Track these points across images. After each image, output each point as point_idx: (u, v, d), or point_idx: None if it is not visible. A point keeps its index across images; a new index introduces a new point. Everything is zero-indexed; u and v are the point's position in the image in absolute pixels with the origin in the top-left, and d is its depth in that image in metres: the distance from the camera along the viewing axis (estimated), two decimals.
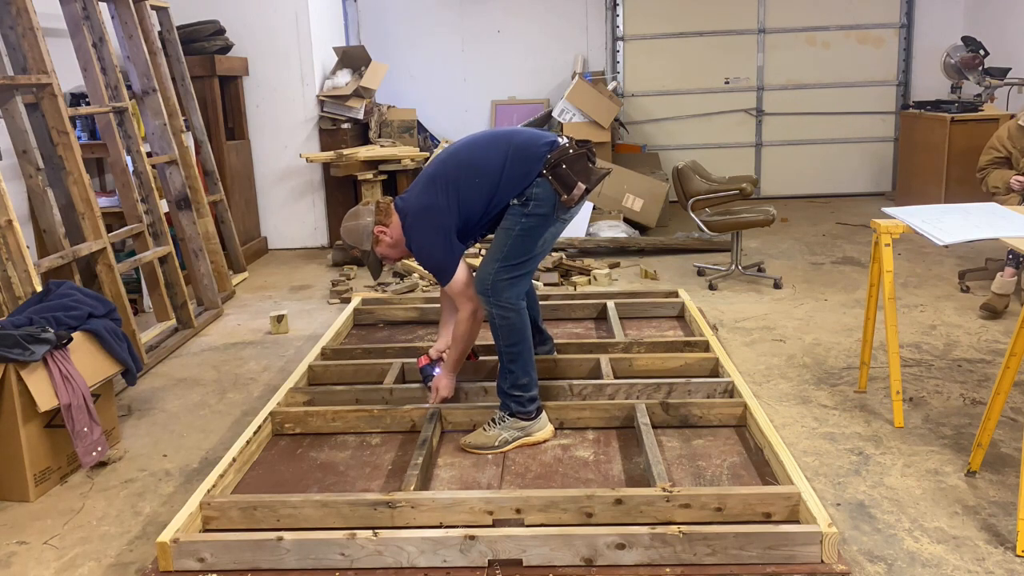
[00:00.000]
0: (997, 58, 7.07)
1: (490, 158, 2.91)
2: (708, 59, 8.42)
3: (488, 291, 2.88)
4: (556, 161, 2.85)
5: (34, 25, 3.88)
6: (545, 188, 2.85)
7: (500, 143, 2.95)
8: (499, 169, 2.88)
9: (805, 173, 8.64)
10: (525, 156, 2.89)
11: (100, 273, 4.11)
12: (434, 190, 2.94)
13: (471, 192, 2.90)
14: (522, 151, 2.89)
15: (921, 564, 2.39)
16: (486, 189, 2.89)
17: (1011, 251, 4.41)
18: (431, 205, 2.92)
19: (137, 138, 4.64)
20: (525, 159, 2.88)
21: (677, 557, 2.24)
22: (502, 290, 2.87)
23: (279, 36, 6.74)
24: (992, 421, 2.78)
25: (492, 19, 8.34)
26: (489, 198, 2.90)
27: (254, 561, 2.30)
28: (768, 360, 4.06)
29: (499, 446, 2.91)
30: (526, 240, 2.89)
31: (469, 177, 2.91)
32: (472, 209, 2.92)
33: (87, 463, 3.00)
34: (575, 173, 2.86)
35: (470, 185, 2.90)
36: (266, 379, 4.05)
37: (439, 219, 2.91)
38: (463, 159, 2.98)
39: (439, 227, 2.91)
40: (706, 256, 6.16)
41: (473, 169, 2.92)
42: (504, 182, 2.88)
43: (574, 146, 2.91)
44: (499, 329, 2.92)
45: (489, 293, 2.88)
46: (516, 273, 2.90)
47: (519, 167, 2.87)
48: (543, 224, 2.90)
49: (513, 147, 2.91)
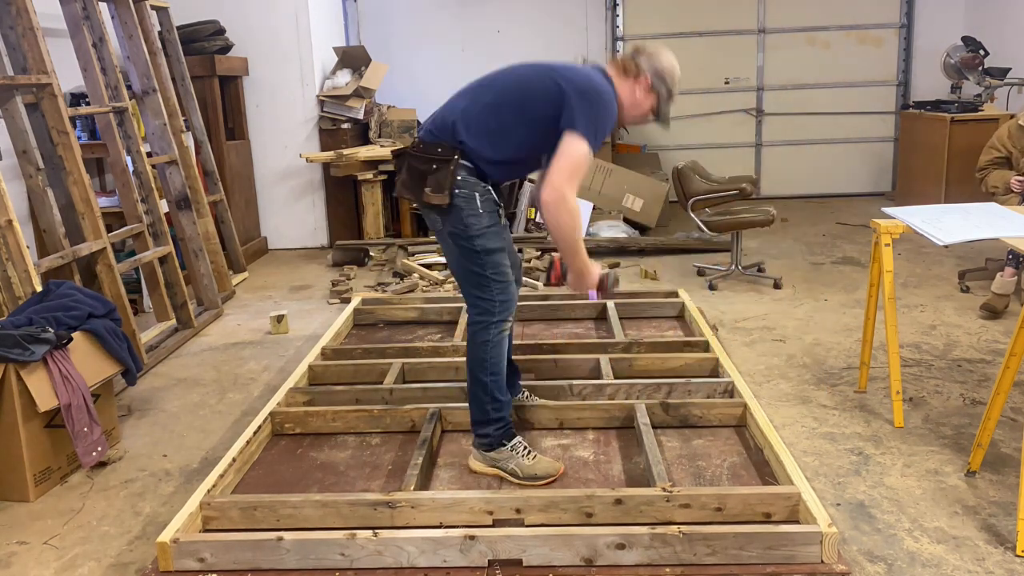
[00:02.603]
0: (997, 58, 7.07)
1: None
2: (708, 59, 8.42)
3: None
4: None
5: (34, 25, 3.88)
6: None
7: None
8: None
9: (805, 173, 8.64)
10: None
11: (100, 273, 4.11)
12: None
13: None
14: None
15: (921, 564, 2.39)
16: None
17: (1011, 251, 4.41)
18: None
19: (137, 138, 4.64)
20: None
21: (677, 557, 2.24)
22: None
23: (279, 36, 6.74)
24: (992, 421, 2.78)
25: (492, 19, 8.34)
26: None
27: (254, 561, 2.30)
28: (768, 360, 4.06)
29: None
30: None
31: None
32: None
33: (87, 463, 3.00)
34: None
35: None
36: (266, 379, 4.05)
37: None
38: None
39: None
40: (706, 256, 6.16)
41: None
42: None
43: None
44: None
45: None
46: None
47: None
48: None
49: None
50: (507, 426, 2.78)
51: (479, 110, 2.65)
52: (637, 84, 2.71)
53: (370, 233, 6.69)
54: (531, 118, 2.61)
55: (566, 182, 2.53)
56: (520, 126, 2.63)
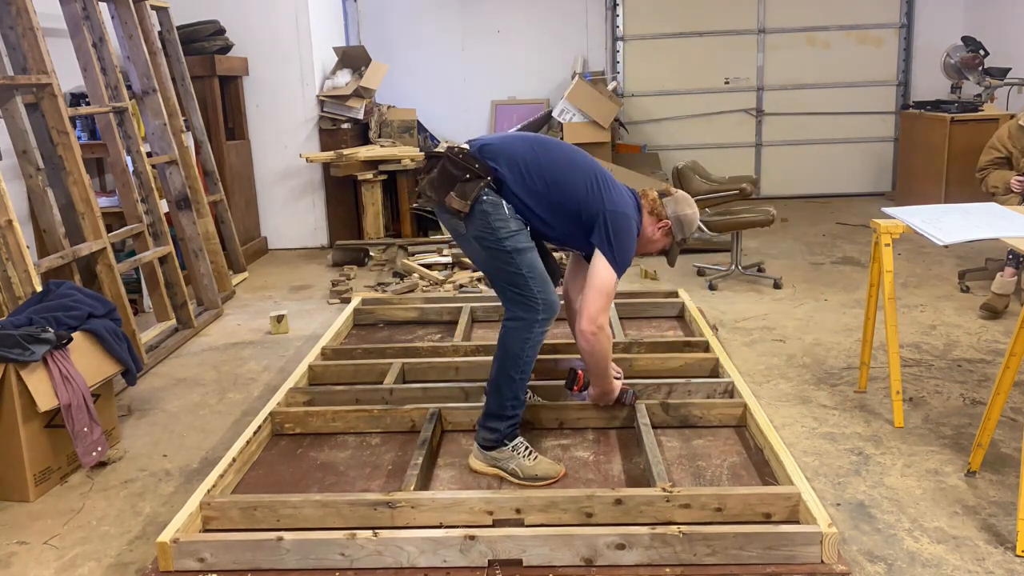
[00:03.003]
0: (997, 58, 7.07)
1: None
2: (708, 59, 8.42)
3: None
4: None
5: (34, 25, 3.88)
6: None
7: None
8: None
9: (805, 173, 8.64)
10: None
11: (100, 273, 4.11)
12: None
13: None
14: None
15: (921, 564, 2.39)
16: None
17: (1011, 251, 4.41)
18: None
19: (137, 138, 4.64)
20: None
21: (677, 557, 2.24)
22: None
23: (279, 36, 6.74)
24: (992, 421, 2.78)
25: (492, 19, 8.34)
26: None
27: (254, 561, 2.30)
28: (768, 360, 4.06)
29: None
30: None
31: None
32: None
33: (87, 463, 3.00)
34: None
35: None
36: (266, 379, 4.05)
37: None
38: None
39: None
40: (706, 256, 6.16)
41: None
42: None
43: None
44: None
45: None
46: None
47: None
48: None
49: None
50: (515, 426, 2.79)
51: (527, 163, 2.72)
52: (659, 225, 2.89)
53: (370, 233, 6.69)
54: (559, 204, 2.72)
55: (601, 312, 2.72)
56: (548, 197, 2.72)
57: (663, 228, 2.88)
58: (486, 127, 8.43)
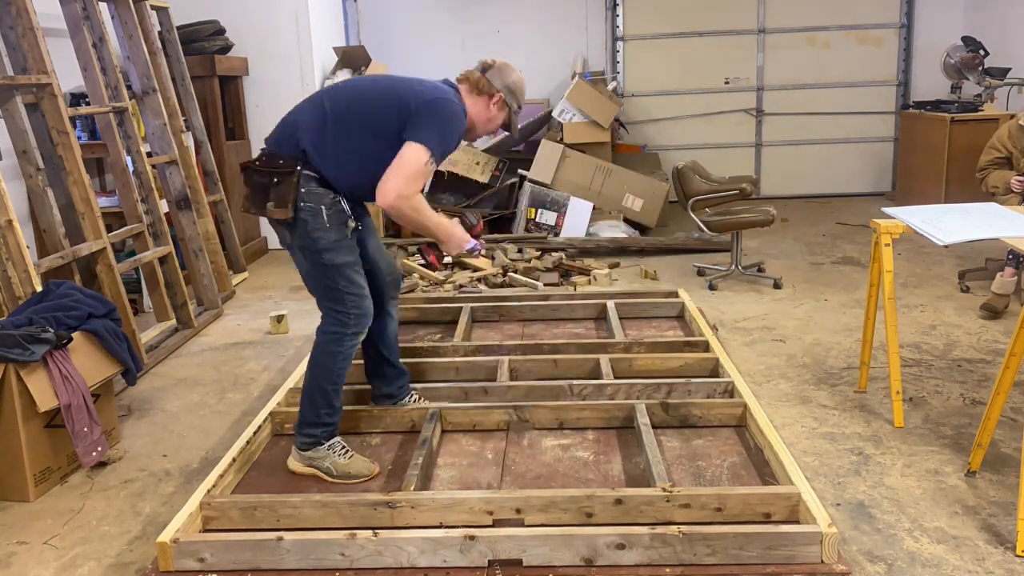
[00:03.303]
0: (997, 58, 7.07)
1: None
2: (708, 59, 8.42)
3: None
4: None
5: (34, 25, 3.88)
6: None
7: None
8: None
9: (805, 173, 8.64)
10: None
11: (100, 273, 4.11)
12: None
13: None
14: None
15: (921, 564, 2.39)
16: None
17: (1011, 251, 4.41)
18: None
19: (137, 138, 4.64)
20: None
21: (677, 557, 2.24)
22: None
23: (279, 36, 6.74)
24: (992, 421, 2.78)
25: (492, 19, 8.34)
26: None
27: (254, 561, 2.30)
28: (768, 360, 4.06)
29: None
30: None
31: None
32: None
33: (87, 463, 3.00)
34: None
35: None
36: (266, 379, 4.05)
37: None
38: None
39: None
40: (706, 256, 6.16)
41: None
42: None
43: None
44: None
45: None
46: None
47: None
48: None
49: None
50: (332, 429, 2.81)
51: (325, 120, 2.66)
52: (491, 101, 2.82)
53: None
54: (376, 131, 2.64)
55: (403, 186, 2.55)
56: (366, 139, 2.64)
57: (496, 102, 2.81)
58: None
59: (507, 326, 4.33)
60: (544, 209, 6.62)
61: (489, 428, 3.09)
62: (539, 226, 6.60)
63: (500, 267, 5.69)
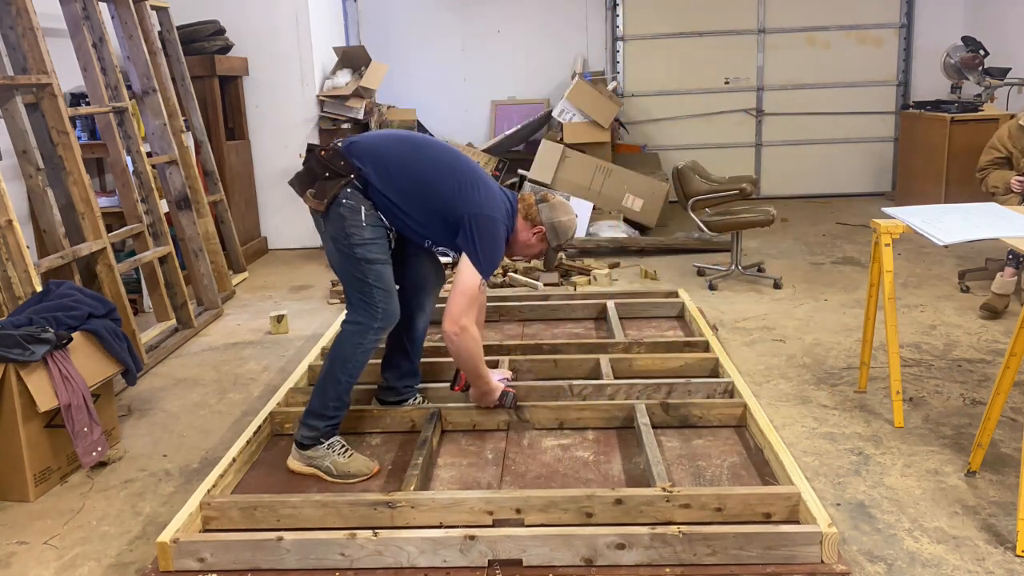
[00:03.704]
0: (997, 58, 7.07)
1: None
2: (708, 59, 8.42)
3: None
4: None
5: (34, 25, 3.88)
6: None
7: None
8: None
9: (805, 173, 8.64)
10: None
11: (100, 273, 4.11)
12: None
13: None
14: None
15: (921, 564, 2.39)
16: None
17: (1011, 251, 4.41)
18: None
19: (137, 138, 4.64)
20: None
21: (677, 557, 2.24)
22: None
23: (279, 36, 6.73)
24: (992, 421, 2.78)
25: (492, 19, 8.34)
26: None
27: (254, 561, 2.30)
28: (768, 360, 4.06)
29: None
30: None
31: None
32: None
33: (87, 463, 3.00)
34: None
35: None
36: (266, 379, 4.05)
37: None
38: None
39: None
40: (706, 256, 6.16)
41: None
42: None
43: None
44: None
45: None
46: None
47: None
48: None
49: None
50: (335, 426, 2.84)
51: (396, 163, 2.75)
52: (533, 231, 2.93)
53: None
54: (425, 204, 2.74)
55: (465, 314, 2.73)
56: (416, 201, 2.74)
57: (538, 234, 2.93)
58: (486, 127, 8.43)
59: (507, 326, 4.33)
60: None
61: (489, 428, 3.09)
62: None
63: (500, 267, 5.70)
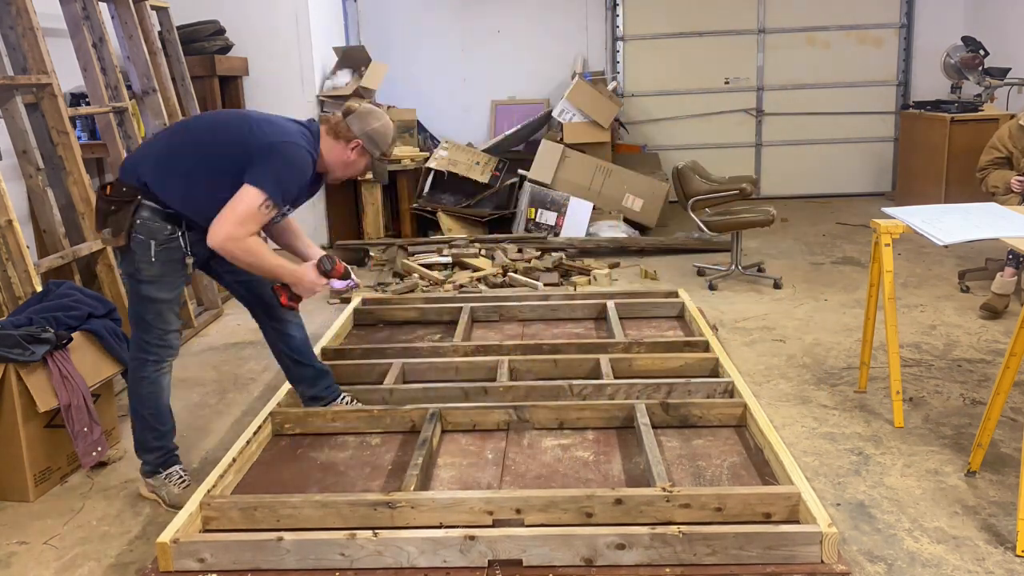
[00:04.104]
0: (997, 58, 7.07)
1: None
2: (708, 59, 8.42)
3: None
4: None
5: (34, 25, 3.88)
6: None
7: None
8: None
9: (805, 173, 8.64)
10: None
11: (100, 273, 4.11)
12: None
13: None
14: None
15: (921, 564, 2.39)
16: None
17: (1011, 251, 4.41)
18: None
19: (137, 138, 4.64)
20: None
21: (677, 557, 2.24)
22: None
23: (279, 36, 6.73)
24: (992, 421, 2.78)
25: (492, 19, 8.34)
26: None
27: (254, 561, 2.30)
28: (768, 360, 4.06)
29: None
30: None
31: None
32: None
33: (87, 463, 3.00)
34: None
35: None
36: (266, 379, 4.05)
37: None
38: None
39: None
40: (706, 256, 6.16)
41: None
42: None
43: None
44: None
45: None
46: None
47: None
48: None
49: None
50: (167, 454, 2.90)
51: (169, 152, 2.71)
52: (348, 146, 2.79)
53: (370, 233, 6.69)
54: (215, 168, 2.65)
55: (232, 229, 2.57)
56: (204, 174, 2.66)
57: (356, 148, 2.80)
58: (486, 127, 8.43)
59: (507, 326, 4.33)
60: (544, 209, 6.62)
61: (489, 428, 3.09)
62: (539, 226, 6.60)
63: (500, 267, 5.70)
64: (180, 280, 2.80)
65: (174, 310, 2.80)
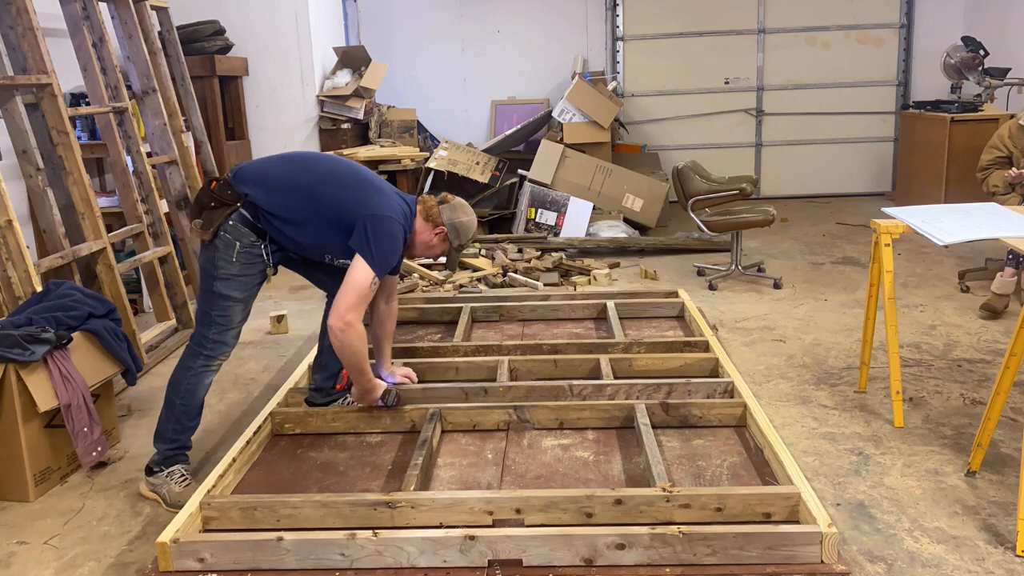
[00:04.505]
0: (997, 58, 7.07)
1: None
2: (708, 59, 8.42)
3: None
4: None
5: (34, 25, 3.88)
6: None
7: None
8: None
9: (805, 173, 8.64)
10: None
11: (100, 273, 4.11)
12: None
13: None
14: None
15: (921, 564, 2.39)
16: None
17: (1011, 251, 4.41)
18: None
19: (137, 138, 4.64)
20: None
21: (677, 557, 2.24)
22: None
23: (279, 36, 6.74)
24: (992, 421, 2.78)
25: (492, 19, 8.34)
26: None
27: (254, 561, 2.30)
28: (768, 360, 4.06)
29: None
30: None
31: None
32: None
33: (87, 463, 3.00)
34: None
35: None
36: (266, 379, 4.05)
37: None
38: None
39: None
40: (706, 256, 6.16)
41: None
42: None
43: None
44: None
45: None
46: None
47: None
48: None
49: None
50: (179, 450, 2.93)
51: (286, 187, 2.82)
52: (435, 231, 2.96)
53: None
54: (317, 214, 2.79)
55: (352, 310, 2.75)
56: (314, 223, 2.80)
57: (439, 234, 2.96)
58: (486, 127, 8.43)
59: (507, 326, 4.33)
60: (544, 209, 6.62)
61: (489, 428, 3.09)
62: (539, 226, 6.61)
63: (500, 267, 5.70)
64: (255, 283, 2.89)
65: (242, 310, 2.89)
